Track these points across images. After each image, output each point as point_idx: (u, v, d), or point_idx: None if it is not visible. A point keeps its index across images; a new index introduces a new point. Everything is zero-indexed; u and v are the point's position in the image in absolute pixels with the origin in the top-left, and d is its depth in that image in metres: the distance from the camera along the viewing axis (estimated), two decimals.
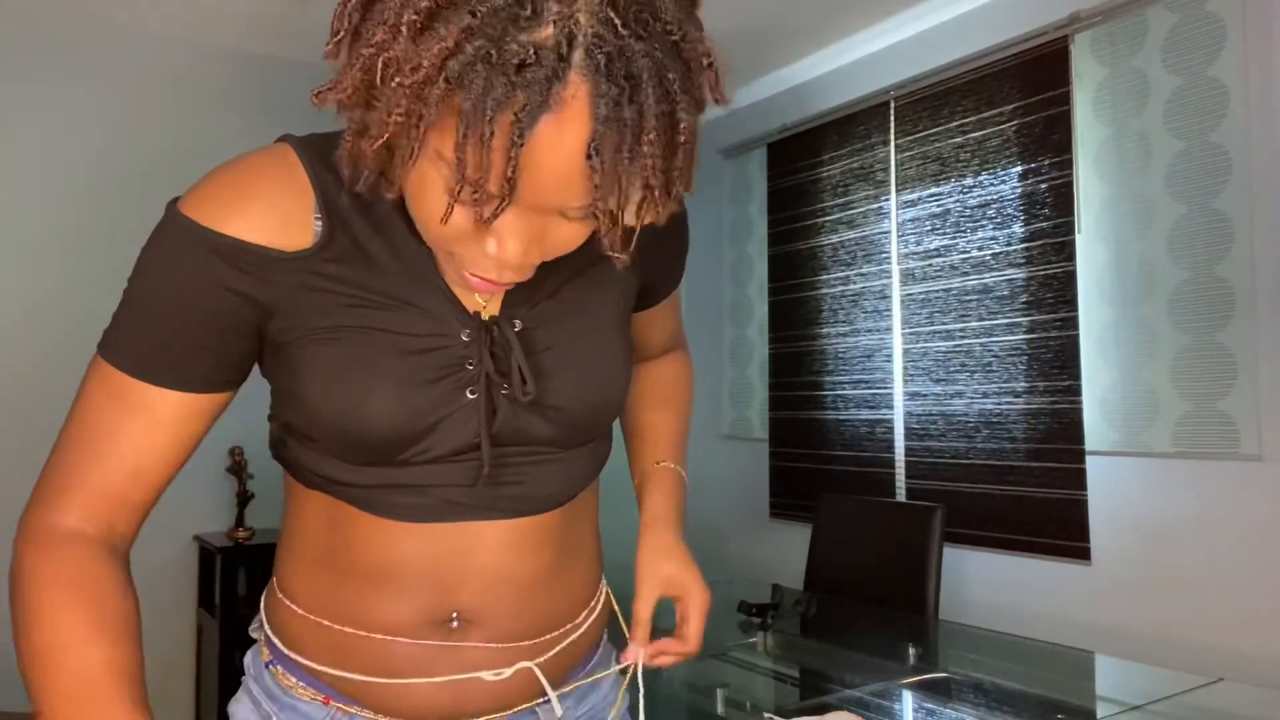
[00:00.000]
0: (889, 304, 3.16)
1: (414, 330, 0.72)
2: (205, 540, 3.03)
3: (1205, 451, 2.32)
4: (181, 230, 0.69)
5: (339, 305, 0.71)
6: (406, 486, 0.75)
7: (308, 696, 0.80)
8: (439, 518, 0.76)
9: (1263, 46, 2.25)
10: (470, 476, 0.75)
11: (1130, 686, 1.86)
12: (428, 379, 0.72)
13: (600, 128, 0.55)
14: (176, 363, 0.71)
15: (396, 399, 0.71)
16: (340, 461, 0.74)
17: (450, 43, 0.52)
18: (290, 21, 3.09)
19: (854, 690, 1.71)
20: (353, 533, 0.77)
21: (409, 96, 0.54)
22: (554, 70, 0.53)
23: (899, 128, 3.15)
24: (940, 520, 2.46)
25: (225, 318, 0.70)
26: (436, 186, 0.59)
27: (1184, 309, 2.37)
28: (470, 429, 0.74)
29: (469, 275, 0.67)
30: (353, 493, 0.75)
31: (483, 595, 0.78)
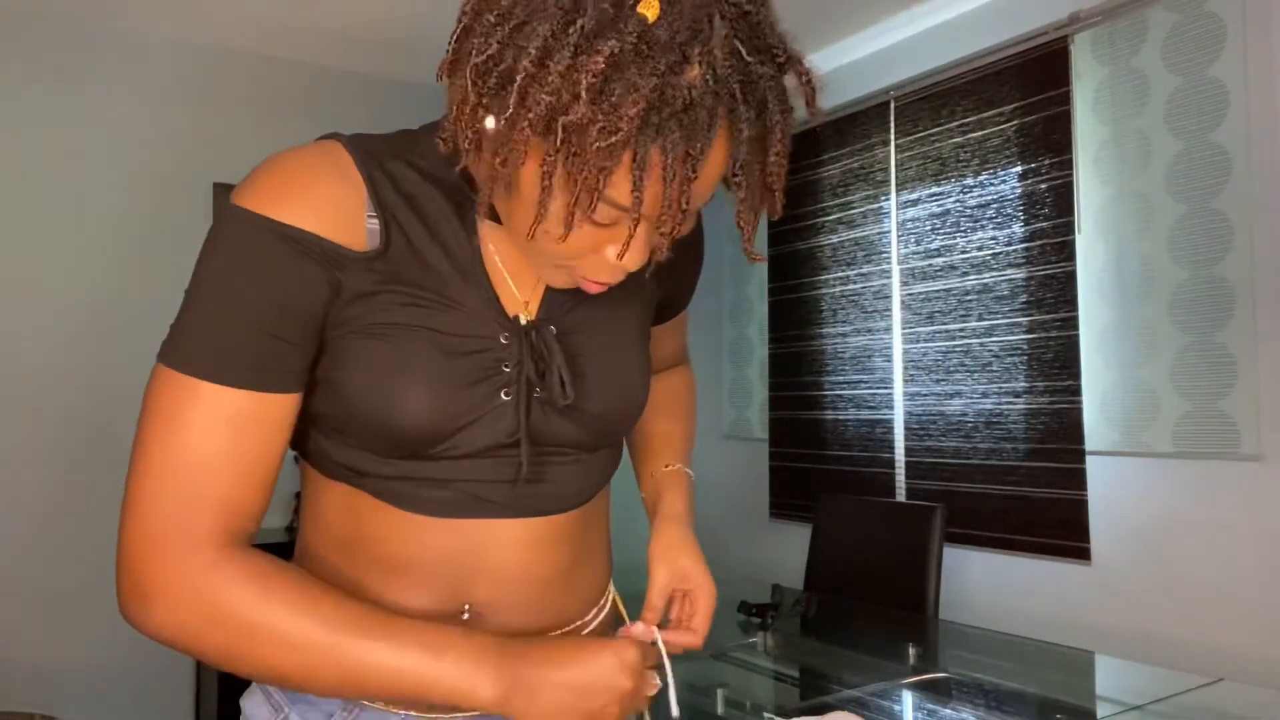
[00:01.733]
0: (889, 304, 3.16)
1: (458, 331, 0.75)
2: None
3: (1205, 451, 2.32)
4: (248, 226, 0.69)
5: (394, 304, 0.73)
6: (431, 480, 0.76)
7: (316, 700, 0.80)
8: (461, 513, 0.77)
9: (1263, 46, 2.25)
10: (495, 473, 0.77)
11: (1130, 686, 1.86)
12: (467, 380, 0.74)
13: (742, 149, 0.63)
14: (270, 366, 0.70)
15: (434, 397, 0.73)
16: (368, 453, 0.75)
17: (641, 105, 0.58)
18: (296, 21, 3.09)
19: (854, 690, 1.71)
20: (373, 524, 0.77)
21: (601, 155, 0.59)
22: (711, 109, 0.60)
23: (899, 128, 3.15)
24: (940, 520, 2.46)
25: (304, 310, 0.71)
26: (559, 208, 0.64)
27: (1184, 309, 2.37)
28: (501, 428, 0.76)
29: (583, 279, 0.73)
30: (378, 484, 0.76)
31: (496, 590, 0.79)
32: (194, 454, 0.68)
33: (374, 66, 3.50)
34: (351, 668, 0.67)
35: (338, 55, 3.38)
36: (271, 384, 0.70)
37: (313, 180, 0.72)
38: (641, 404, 0.85)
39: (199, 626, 0.67)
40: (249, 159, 3.01)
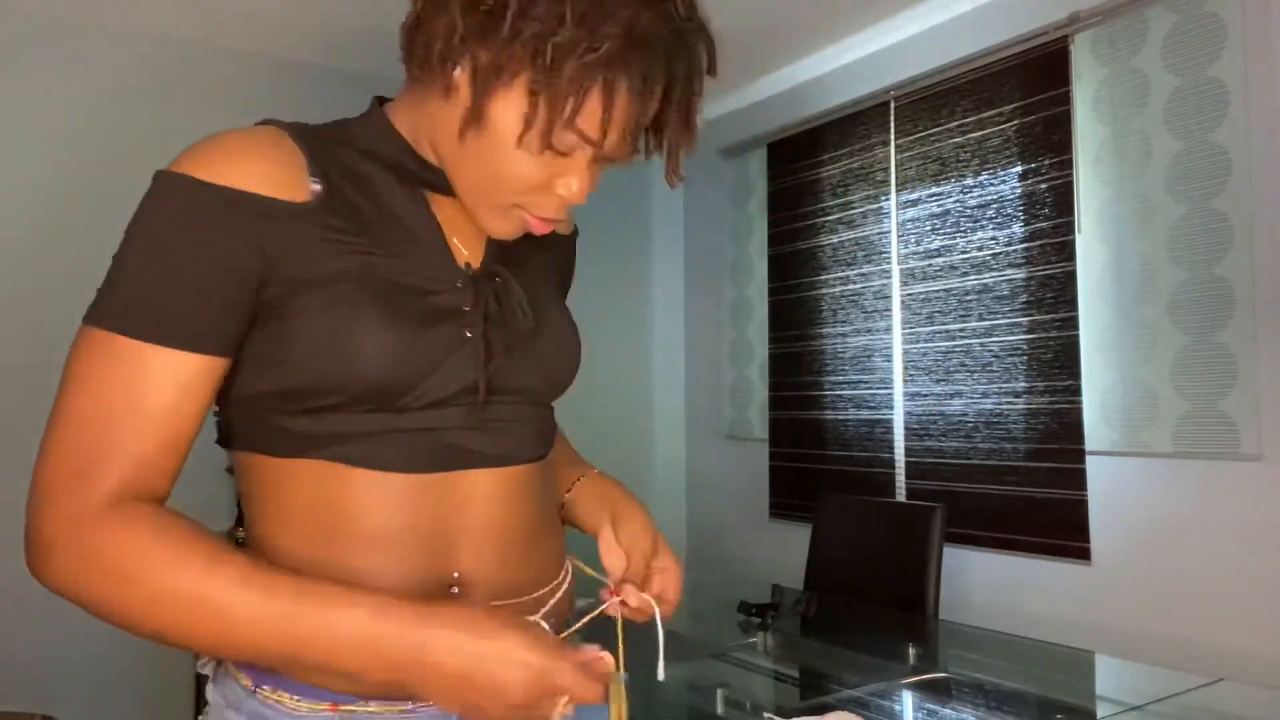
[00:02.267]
0: (889, 304, 3.16)
1: (412, 276, 0.78)
2: None
3: (1205, 451, 2.32)
4: (184, 188, 0.71)
5: (341, 252, 0.75)
6: (407, 432, 0.77)
7: (308, 709, 0.76)
8: (437, 466, 0.78)
9: (1263, 46, 2.25)
10: (465, 420, 0.79)
11: (1130, 686, 1.86)
12: (428, 321, 0.77)
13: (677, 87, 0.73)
14: (201, 324, 0.71)
15: (399, 338, 0.75)
16: (343, 414, 0.75)
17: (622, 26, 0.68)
18: (296, 22, 3.09)
19: (854, 690, 1.71)
20: (350, 497, 0.76)
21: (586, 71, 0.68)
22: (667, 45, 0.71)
23: (899, 128, 3.15)
24: (940, 520, 2.46)
25: (239, 270, 0.72)
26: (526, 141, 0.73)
27: (1184, 309, 2.37)
28: (468, 371, 0.79)
29: (527, 217, 0.80)
30: (354, 447, 0.76)
31: (477, 551, 0.81)
32: (105, 408, 0.68)
33: (376, 67, 3.50)
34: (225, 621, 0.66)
35: (339, 56, 3.38)
36: (200, 344, 0.71)
37: (249, 147, 0.74)
38: (578, 357, 0.92)
39: (86, 576, 0.67)
40: None
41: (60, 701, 2.87)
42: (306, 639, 0.66)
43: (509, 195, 0.77)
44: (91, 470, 0.68)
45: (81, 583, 0.68)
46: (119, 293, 0.71)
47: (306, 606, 0.66)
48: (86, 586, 0.68)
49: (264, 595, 0.66)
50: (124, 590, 0.67)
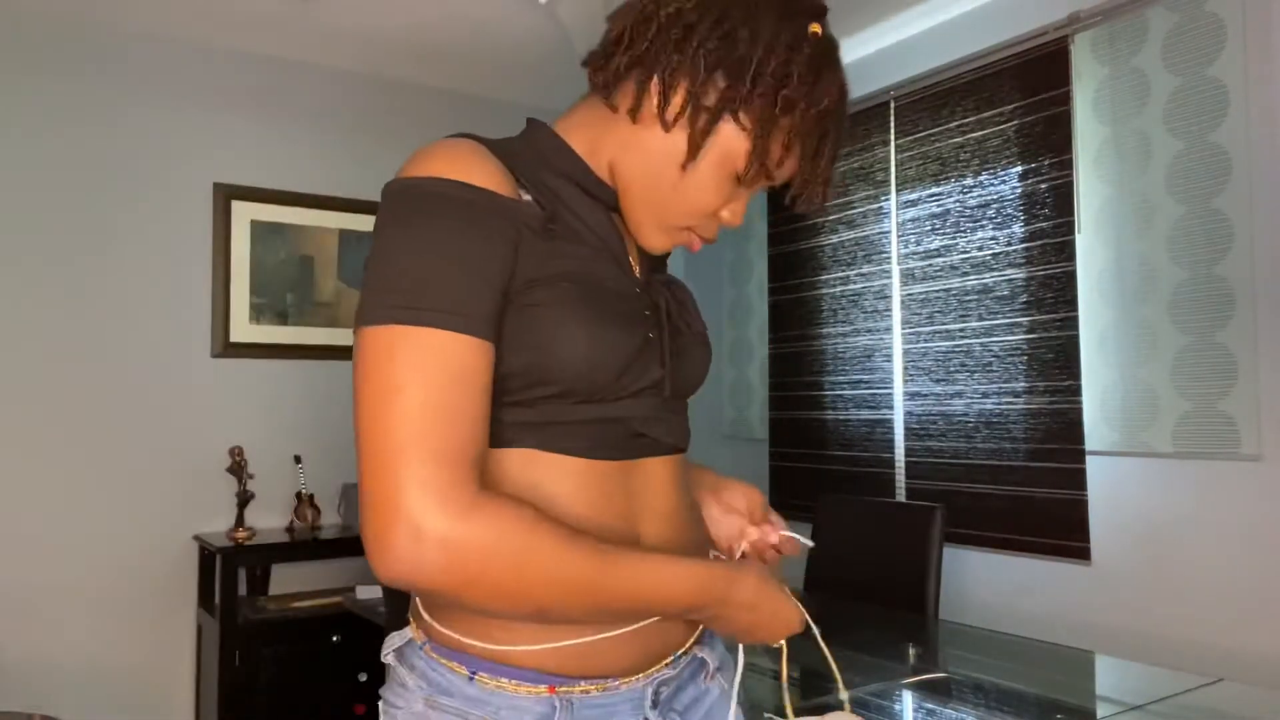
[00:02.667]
0: (889, 304, 3.16)
1: (609, 280, 0.86)
2: (205, 540, 3.03)
3: (1205, 451, 2.32)
4: (448, 188, 0.76)
5: (560, 255, 0.82)
6: (604, 421, 0.84)
7: (527, 692, 0.81)
8: (626, 453, 0.86)
9: (1263, 46, 2.25)
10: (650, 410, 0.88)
11: (1130, 686, 1.86)
12: (629, 321, 0.85)
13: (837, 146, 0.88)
14: (482, 311, 0.75)
15: (607, 336, 0.82)
16: (551, 403, 0.81)
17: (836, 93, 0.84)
18: (291, 21, 3.09)
19: (854, 690, 1.71)
20: (554, 483, 0.82)
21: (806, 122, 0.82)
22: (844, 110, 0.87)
23: (899, 128, 3.15)
24: (940, 520, 2.46)
25: (506, 260, 0.78)
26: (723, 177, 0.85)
27: (1184, 309, 2.37)
28: (654, 368, 0.87)
29: (691, 236, 0.91)
30: (558, 434, 0.82)
31: (657, 529, 0.89)
32: (448, 398, 0.72)
33: (375, 67, 3.50)
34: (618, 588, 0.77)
35: (339, 56, 3.38)
36: (474, 327, 0.74)
37: (481, 156, 0.80)
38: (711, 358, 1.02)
39: (477, 562, 0.70)
40: (250, 159, 3.04)
41: (60, 701, 2.87)
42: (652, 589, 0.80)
43: (686, 219, 0.88)
44: (454, 463, 0.71)
45: (472, 571, 0.70)
46: (418, 289, 0.73)
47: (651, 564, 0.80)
48: (477, 575, 0.71)
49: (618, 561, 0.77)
50: (518, 573, 0.72)
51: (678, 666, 0.91)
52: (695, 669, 0.95)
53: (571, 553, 0.74)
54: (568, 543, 0.74)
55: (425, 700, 0.83)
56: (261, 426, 3.22)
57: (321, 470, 3.33)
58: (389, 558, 0.70)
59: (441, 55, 3.40)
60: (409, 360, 0.71)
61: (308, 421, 3.33)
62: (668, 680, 0.89)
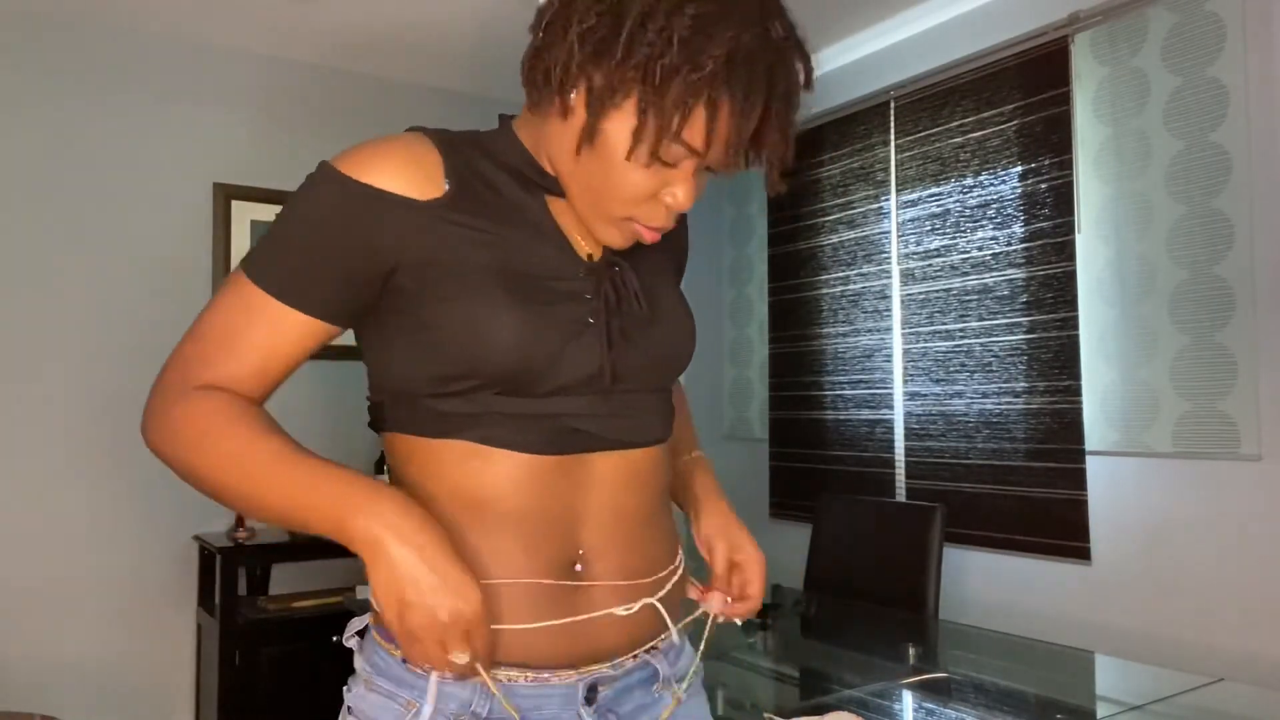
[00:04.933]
0: (889, 304, 3.16)
1: (538, 265, 0.85)
2: (205, 540, 3.03)
3: (1205, 451, 2.32)
4: (332, 179, 0.82)
5: (472, 243, 0.83)
6: (538, 416, 0.84)
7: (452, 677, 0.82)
8: (563, 448, 0.85)
9: (1263, 46, 2.25)
10: (592, 407, 0.86)
11: (1130, 686, 1.86)
12: (553, 305, 0.84)
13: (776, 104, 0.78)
14: (309, 290, 0.82)
15: (526, 321, 0.82)
16: (482, 396, 0.83)
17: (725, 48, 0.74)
18: (291, 21, 3.09)
19: (854, 690, 1.71)
20: (486, 476, 0.84)
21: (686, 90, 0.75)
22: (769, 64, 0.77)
23: (899, 128, 3.15)
24: (940, 520, 2.46)
25: (359, 256, 0.82)
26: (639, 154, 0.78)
27: (1184, 309, 2.37)
28: (593, 357, 0.85)
29: (638, 227, 0.85)
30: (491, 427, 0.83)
31: (602, 533, 0.88)
32: (221, 331, 0.83)
33: (375, 67, 3.50)
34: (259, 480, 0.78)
35: (339, 56, 3.38)
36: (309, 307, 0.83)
37: (392, 151, 0.83)
38: (693, 344, 0.98)
39: (169, 437, 0.81)
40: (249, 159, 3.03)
41: (60, 701, 2.87)
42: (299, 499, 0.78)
43: (621, 207, 0.83)
44: (193, 369, 0.83)
45: (165, 443, 0.82)
46: (268, 254, 0.83)
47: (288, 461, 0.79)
48: (169, 447, 0.82)
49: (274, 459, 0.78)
50: (191, 451, 0.80)
51: (619, 669, 0.89)
52: (646, 676, 0.93)
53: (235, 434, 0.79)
54: (237, 426, 0.80)
55: (365, 681, 0.88)
56: None
57: None
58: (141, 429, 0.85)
59: (441, 55, 3.40)
60: (232, 301, 0.83)
61: (308, 421, 3.33)
62: (606, 680, 0.88)
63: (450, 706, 0.82)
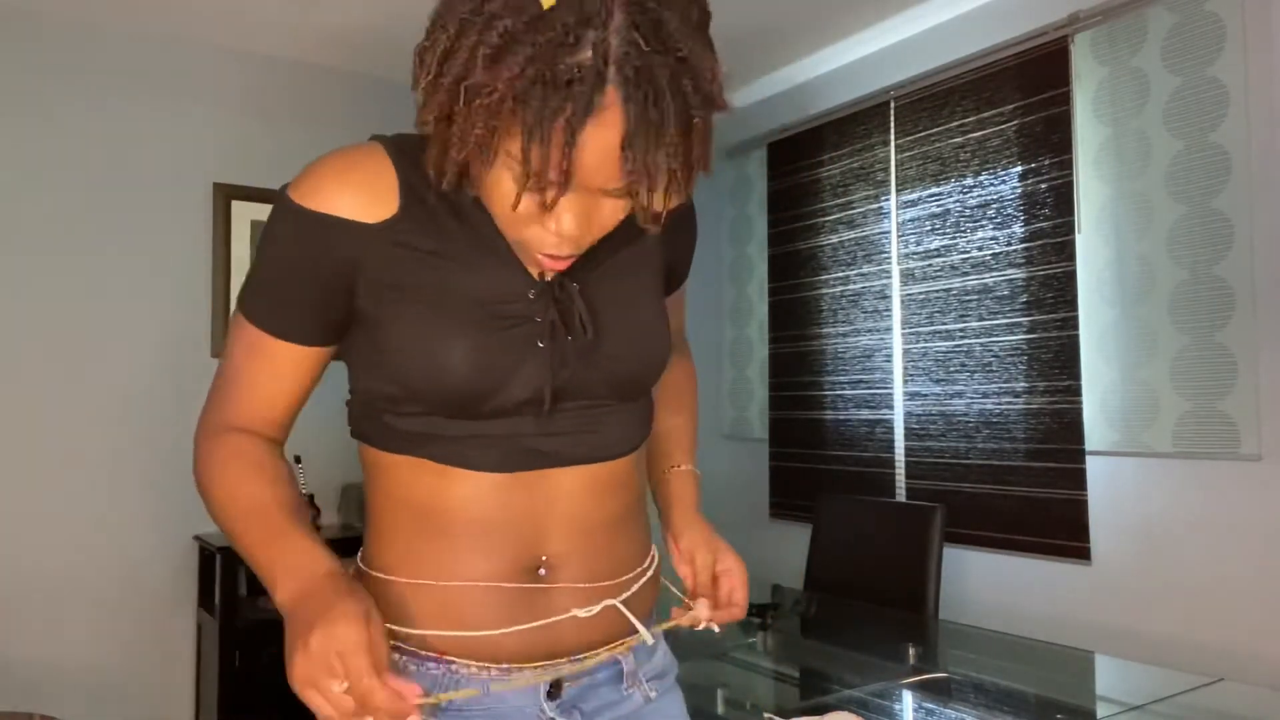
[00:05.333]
0: (889, 304, 3.16)
1: (486, 289, 0.84)
2: (205, 540, 3.03)
3: (1205, 451, 2.32)
4: (290, 212, 0.83)
5: (418, 266, 0.83)
6: (488, 437, 0.84)
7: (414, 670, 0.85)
8: (519, 467, 0.86)
9: (1263, 46, 2.25)
10: (545, 427, 0.86)
11: (1130, 686, 1.86)
12: (501, 330, 0.83)
13: (632, 126, 0.68)
14: (290, 320, 0.85)
15: (473, 347, 0.82)
16: (431, 417, 0.84)
17: (516, 69, 0.66)
18: (291, 21, 3.09)
19: (854, 690, 1.71)
20: (445, 490, 0.85)
21: (487, 113, 0.68)
22: (594, 85, 0.66)
23: (899, 128, 3.15)
24: (940, 520, 2.46)
25: (328, 280, 0.83)
26: (507, 182, 0.72)
27: (1184, 309, 2.37)
28: (542, 377, 0.84)
29: (539, 256, 0.80)
30: (445, 447, 0.84)
31: (567, 541, 0.88)
32: (233, 372, 0.88)
33: (375, 68, 3.50)
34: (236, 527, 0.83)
35: (339, 56, 3.38)
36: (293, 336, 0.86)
37: (349, 173, 0.83)
38: (665, 351, 0.94)
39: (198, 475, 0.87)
40: (249, 159, 3.04)
41: (60, 701, 2.87)
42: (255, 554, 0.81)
43: (511, 229, 0.79)
44: (217, 412, 0.89)
45: (197, 482, 0.87)
46: (252, 289, 0.87)
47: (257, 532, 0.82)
48: (199, 486, 0.87)
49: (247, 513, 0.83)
50: (208, 490, 0.86)
51: (579, 664, 0.89)
52: (614, 674, 0.94)
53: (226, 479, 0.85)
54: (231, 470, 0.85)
55: None
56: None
57: (321, 470, 3.32)
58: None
59: None
60: (236, 340, 0.88)
61: (308, 421, 3.30)
62: (573, 678, 0.90)
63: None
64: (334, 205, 0.82)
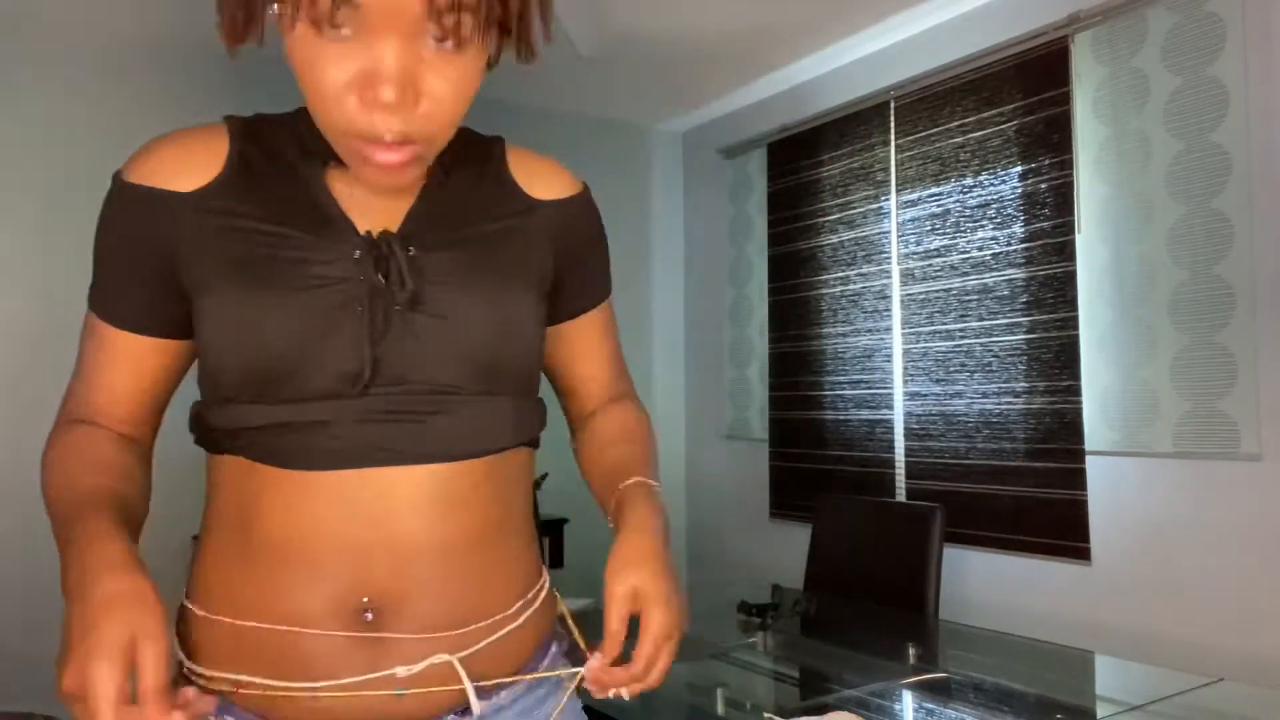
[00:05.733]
0: (889, 304, 3.16)
1: (305, 251, 0.75)
2: None
3: (1205, 451, 2.32)
4: (114, 189, 0.80)
5: (226, 234, 0.75)
6: (305, 424, 0.73)
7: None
8: (347, 462, 0.73)
9: (1263, 46, 2.25)
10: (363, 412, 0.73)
11: (1130, 686, 1.86)
12: (317, 292, 0.73)
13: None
14: (123, 307, 0.80)
15: (280, 311, 0.72)
16: (247, 405, 0.74)
17: None
18: None
19: (854, 690, 1.71)
20: (260, 497, 0.74)
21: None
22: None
23: (899, 128, 3.15)
24: (940, 520, 2.46)
25: (151, 262, 0.78)
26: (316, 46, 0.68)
27: (1184, 309, 2.37)
28: (356, 352, 0.73)
29: (372, 152, 0.69)
30: (260, 439, 0.74)
31: (398, 569, 0.73)
32: (83, 367, 0.82)
33: None
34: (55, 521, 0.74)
35: None
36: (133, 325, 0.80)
37: (170, 143, 0.79)
38: (527, 344, 0.80)
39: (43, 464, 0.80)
40: None
41: (60, 701, 2.87)
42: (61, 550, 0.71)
43: (333, 119, 0.69)
44: (69, 404, 0.83)
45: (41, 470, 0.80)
46: (94, 279, 0.82)
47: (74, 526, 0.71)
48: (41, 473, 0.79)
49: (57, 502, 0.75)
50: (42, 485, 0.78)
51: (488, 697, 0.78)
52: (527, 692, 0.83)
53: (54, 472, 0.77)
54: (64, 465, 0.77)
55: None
56: None
57: None
58: None
59: None
60: (86, 331, 0.83)
61: None
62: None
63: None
64: (151, 177, 0.77)
